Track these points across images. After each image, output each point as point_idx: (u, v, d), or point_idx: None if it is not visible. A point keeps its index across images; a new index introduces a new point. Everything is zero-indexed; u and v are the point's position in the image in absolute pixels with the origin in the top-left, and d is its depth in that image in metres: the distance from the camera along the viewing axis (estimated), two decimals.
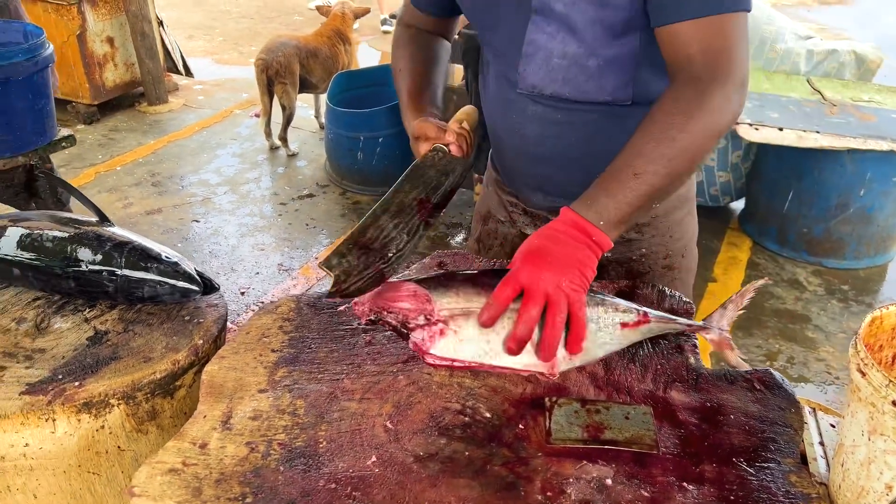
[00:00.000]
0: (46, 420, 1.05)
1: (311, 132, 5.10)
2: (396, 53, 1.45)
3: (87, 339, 1.19)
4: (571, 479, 0.89)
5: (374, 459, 0.92)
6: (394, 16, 7.58)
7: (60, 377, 1.10)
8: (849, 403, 0.86)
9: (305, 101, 5.20)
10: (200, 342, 1.20)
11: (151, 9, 5.09)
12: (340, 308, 1.21)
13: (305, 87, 4.67)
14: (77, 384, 1.08)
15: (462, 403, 1.01)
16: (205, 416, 0.99)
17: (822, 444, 1.02)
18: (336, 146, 4.26)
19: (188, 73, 5.80)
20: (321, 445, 0.94)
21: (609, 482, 0.89)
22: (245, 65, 6.43)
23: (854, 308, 3.37)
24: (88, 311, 1.26)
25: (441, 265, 1.34)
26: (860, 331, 0.87)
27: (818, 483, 0.92)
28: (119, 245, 1.23)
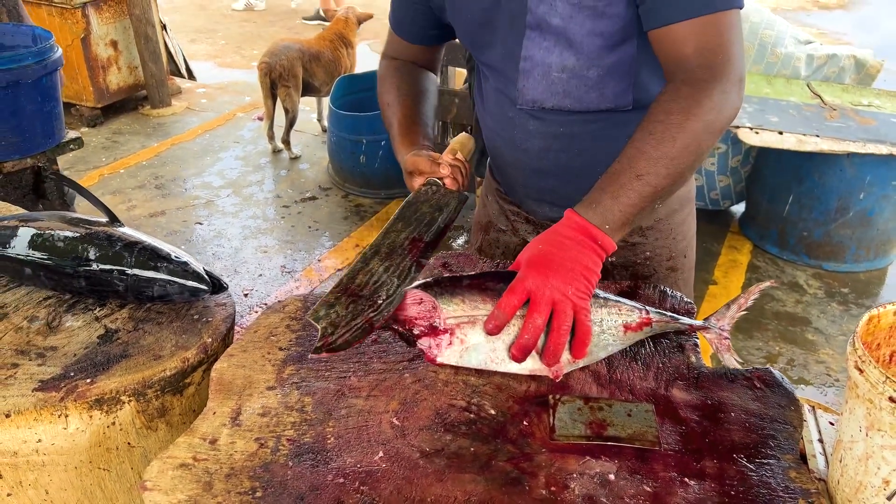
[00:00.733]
0: (59, 416, 1.07)
1: (314, 135, 5.13)
2: (383, 87, 1.42)
3: (98, 338, 1.21)
4: (575, 475, 0.91)
5: (381, 455, 0.94)
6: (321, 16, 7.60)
7: (72, 374, 1.11)
8: (847, 400, 0.88)
9: (308, 105, 5.23)
10: (209, 340, 1.22)
11: (155, 12, 5.12)
12: None
13: (308, 91, 4.69)
14: (89, 381, 1.10)
15: (467, 400, 1.03)
16: (214, 413, 1.01)
17: (821, 442, 1.03)
18: (338, 149, 4.28)
19: (191, 77, 5.83)
20: (329, 441, 0.96)
21: (612, 477, 0.91)
22: (248, 68, 6.46)
23: (854, 311, 3.38)
24: (99, 310, 1.27)
25: (445, 266, 1.36)
26: (858, 329, 0.88)
27: (817, 479, 0.94)
28: (129, 245, 1.25)
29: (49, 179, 2.55)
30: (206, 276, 1.27)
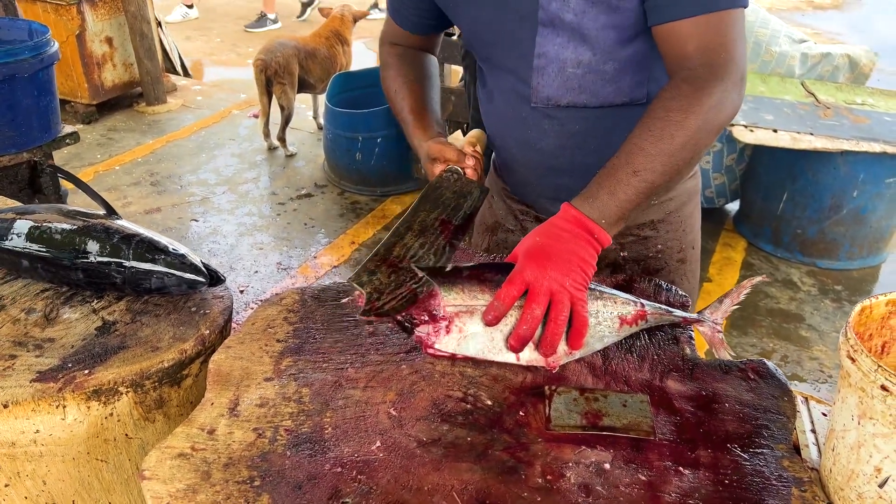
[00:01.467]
0: (57, 407, 1.07)
1: (310, 132, 5.12)
2: (388, 74, 1.42)
3: (96, 329, 1.21)
4: (571, 464, 0.92)
5: (379, 444, 0.94)
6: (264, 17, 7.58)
7: (70, 365, 1.12)
8: (839, 389, 0.89)
9: (303, 102, 5.22)
10: (207, 332, 1.22)
11: (150, 9, 5.11)
12: (343, 301, 1.24)
13: (304, 88, 4.69)
14: (87, 372, 1.10)
15: (464, 391, 1.04)
16: (212, 404, 1.01)
17: (814, 432, 1.05)
18: (334, 146, 4.28)
19: (186, 74, 5.82)
20: (327, 431, 0.97)
21: (607, 466, 0.92)
22: (243, 66, 6.45)
23: (847, 308, 3.40)
24: (96, 302, 1.28)
25: None
26: (850, 319, 0.90)
27: (810, 468, 0.95)
28: (127, 237, 1.26)
29: (45, 174, 2.54)
30: (204, 269, 1.27)
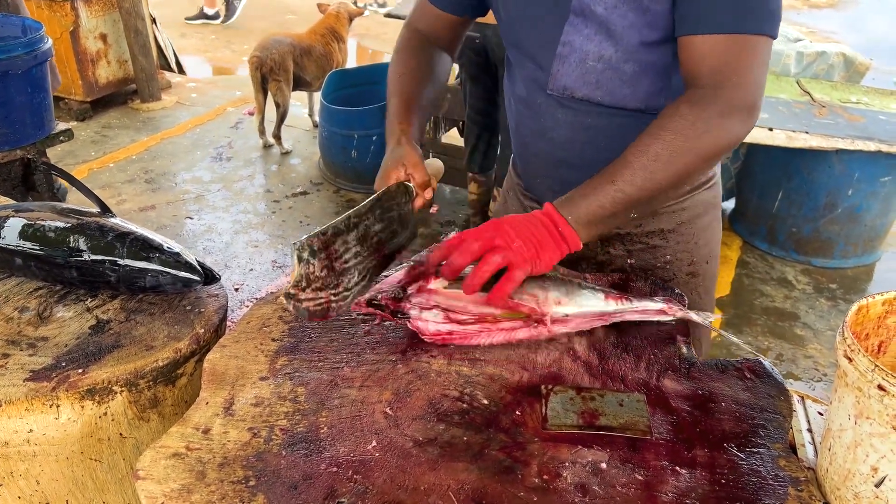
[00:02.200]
0: (50, 406, 1.06)
1: (305, 130, 5.11)
2: (397, 58, 1.40)
3: (90, 328, 1.20)
4: (567, 463, 0.92)
5: (375, 444, 0.94)
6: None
7: (64, 364, 1.11)
8: (836, 389, 0.89)
9: (299, 99, 5.21)
10: (202, 331, 1.21)
11: (145, 6, 5.09)
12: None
13: (299, 85, 4.67)
14: (80, 371, 1.10)
15: (460, 391, 1.04)
16: (207, 403, 1.01)
17: (810, 431, 1.05)
18: (330, 144, 4.27)
19: (181, 71, 5.80)
20: (322, 431, 0.96)
21: (604, 466, 0.91)
22: (238, 62, 6.43)
23: (842, 306, 3.41)
24: (90, 301, 1.27)
25: None
26: (847, 319, 0.89)
27: (806, 468, 0.95)
28: (121, 235, 1.25)
29: (39, 171, 2.53)
30: (199, 267, 1.27)
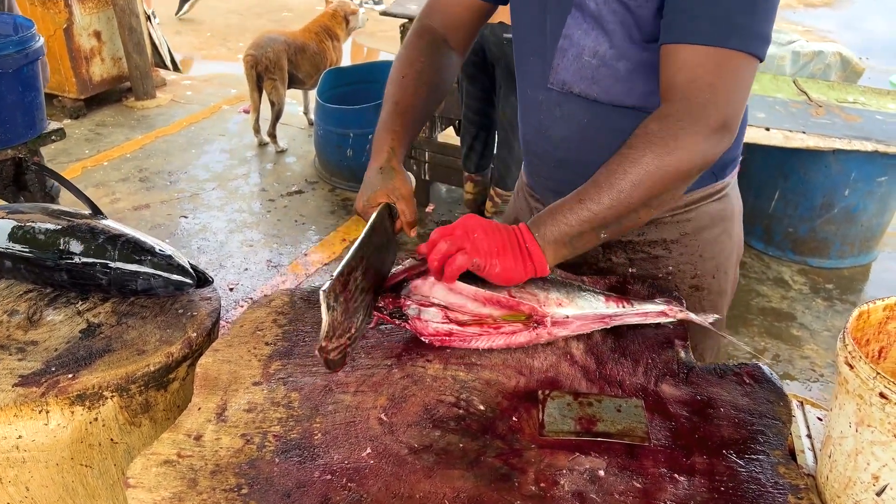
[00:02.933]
0: (40, 412, 1.05)
1: (300, 128, 5.09)
2: (404, 56, 1.36)
3: (80, 332, 1.19)
4: (565, 471, 0.91)
5: (369, 451, 0.93)
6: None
7: (54, 369, 1.09)
8: (836, 396, 0.88)
9: (294, 98, 5.19)
10: (194, 335, 1.20)
11: (139, 3, 5.06)
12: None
13: (293, 83, 4.66)
14: (71, 376, 1.08)
15: (456, 396, 1.02)
16: (199, 409, 0.99)
17: (810, 437, 1.04)
18: (325, 142, 4.25)
19: (175, 69, 5.77)
20: (316, 437, 0.95)
21: (602, 473, 0.90)
22: (233, 60, 6.40)
23: (838, 307, 3.41)
24: (81, 304, 1.25)
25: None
26: (848, 325, 0.88)
27: (806, 474, 0.94)
28: (112, 238, 1.23)
29: (30, 171, 2.51)
30: (191, 270, 1.25)
